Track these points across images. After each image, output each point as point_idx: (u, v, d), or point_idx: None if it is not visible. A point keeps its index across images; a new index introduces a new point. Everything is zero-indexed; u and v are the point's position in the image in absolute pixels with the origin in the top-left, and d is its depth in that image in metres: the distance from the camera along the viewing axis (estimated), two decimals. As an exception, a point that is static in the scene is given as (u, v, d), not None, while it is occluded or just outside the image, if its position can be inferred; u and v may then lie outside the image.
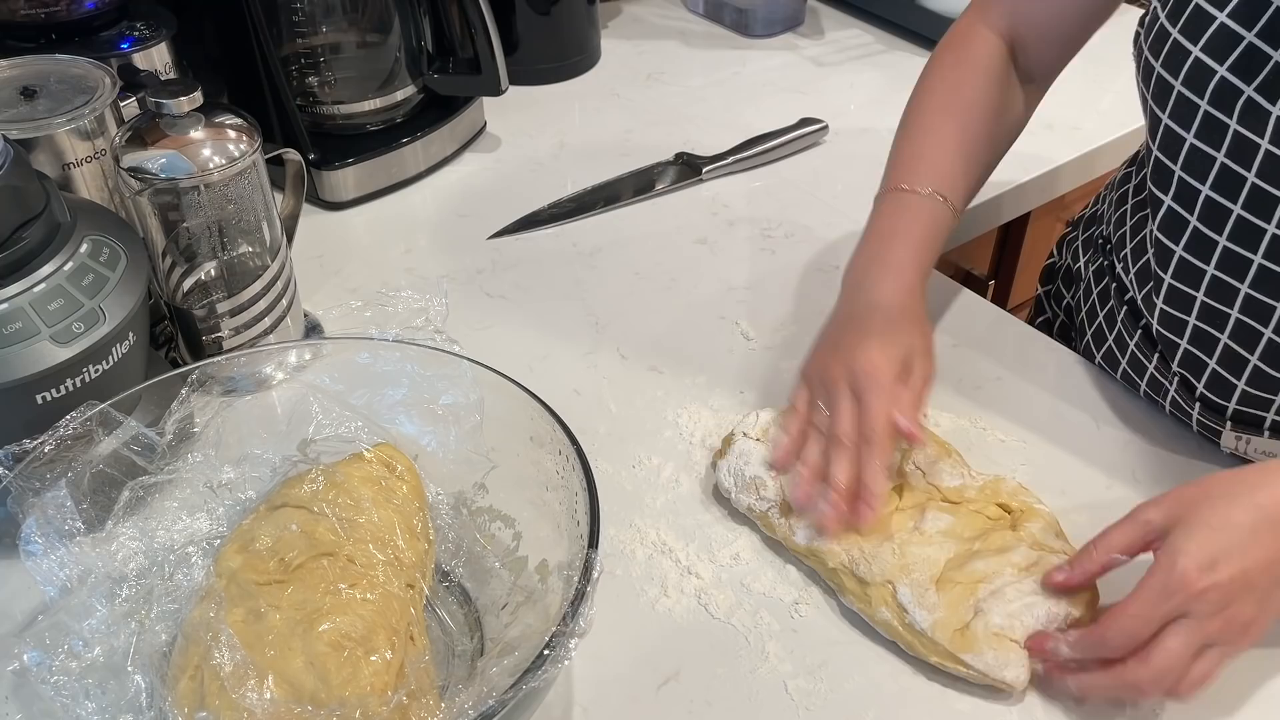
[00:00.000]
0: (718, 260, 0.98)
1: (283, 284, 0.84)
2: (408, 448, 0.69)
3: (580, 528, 0.61)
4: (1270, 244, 0.67)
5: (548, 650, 0.53)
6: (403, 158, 1.08)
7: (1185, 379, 0.77)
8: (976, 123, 0.84)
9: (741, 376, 0.86)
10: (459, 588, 0.69)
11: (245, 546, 0.63)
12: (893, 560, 0.68)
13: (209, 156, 0.76)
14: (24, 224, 0.68)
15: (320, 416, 0.70)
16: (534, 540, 0.67)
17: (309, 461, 0.69)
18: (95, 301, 0.70)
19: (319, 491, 0.65)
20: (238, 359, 0.74)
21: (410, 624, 0.61)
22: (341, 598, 0.60)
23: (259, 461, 0.70)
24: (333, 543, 0.62)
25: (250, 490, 0.69)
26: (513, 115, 1.19)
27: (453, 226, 1.05)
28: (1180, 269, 0.73)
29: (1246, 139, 0.66)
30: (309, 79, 1.06)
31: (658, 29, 1.38)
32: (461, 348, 0.74)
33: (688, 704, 0.65)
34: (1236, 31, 0.65)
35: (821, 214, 1.04)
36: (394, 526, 0.64)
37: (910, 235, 0.80)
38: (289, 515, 0.64)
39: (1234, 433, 0.76)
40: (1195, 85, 0.68)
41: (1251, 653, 0.63)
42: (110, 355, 0.70)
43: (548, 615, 0.60)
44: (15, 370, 0.66)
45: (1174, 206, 0.72)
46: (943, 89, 0.86)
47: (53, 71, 0.82)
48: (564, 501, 0.64)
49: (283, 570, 0.61)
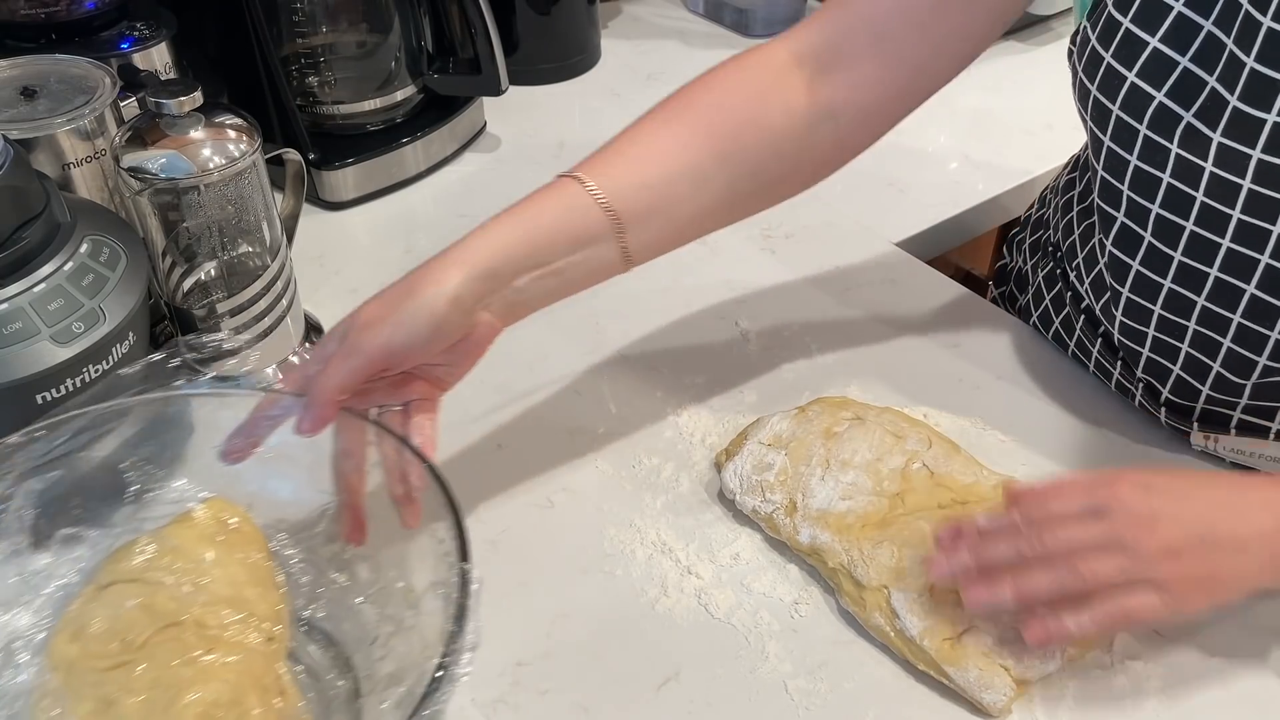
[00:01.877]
0: (718, 260, 0.98)
1: (283, 284, 0.84)
2: (240, 497, 0.65)
3: (445, 545, 0.58)
4: (1225, 258, 0.67)
5: (440, 672, 0.52)
6: (403, 158, 1.08)
7: (1150, 385, 0.77)
8: (702, 140, 0.70)
9: (741, 376, 0.86)
10: (320, 631, 0.66)
11: (79, 633, 0.58)
12: (889, 564, 0.68)
13: (209, 156, 0.76)
14: (24, 224, 0.68)
15: (136, 481, 0.65)
16: (394, 567, 0.64)
17: (133, 531, 0.64)
18: (95, 301, 0.70)
19: (151, 560, 0.60)
20: (36, 431, 0.63)
21: (278, 678, 0.58)
22: (200, 665, 0.56)
23: (75, 540, 0.64)
24: (177, 610, 0.58)
25: (70, 573, 0.63)
26: (513, 115, 1.19)
27: (453, 226, 1.03)
28: (1137, 282, 0.73)
29: (1190, 162, 0.65)
30: (309, 79, 1.06)
31: (658, 29, 1.38)
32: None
33: (688, 704, 0.65)
34: (1171, 57, 0.65)
35: (821, 214, 1.04)
36: (240, 581, 0.61)
37: (519, 218, 0.67)
38: (122, 591, 0.59)
39: (1202, 433, 0.76)
40: (1133, 110, 0.67)
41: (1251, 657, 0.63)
42: (110, 355, 0.70)
43: (425, 640, 0.58)
44: (15, 370, 0.66)
45: (1127, 223, 0.72)
46: (694, 93, 0.73)
47: (53, 71, 0.82)
48: (422, 522, 0.62)
49: (127, 650, 0.57)
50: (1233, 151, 0.63)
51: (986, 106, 1.21)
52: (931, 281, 0.96)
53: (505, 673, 0.66)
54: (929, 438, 0.77)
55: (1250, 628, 0.67)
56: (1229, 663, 0.66)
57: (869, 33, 0.72)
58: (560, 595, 0.71)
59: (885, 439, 0.76)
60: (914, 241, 1.02)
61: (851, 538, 0.70)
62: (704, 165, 0.70)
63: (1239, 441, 0.75)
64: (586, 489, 0.77)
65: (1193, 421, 0.76)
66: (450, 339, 0.64)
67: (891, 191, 1.08)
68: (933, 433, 0.77)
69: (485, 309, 0.65)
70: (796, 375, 0.86)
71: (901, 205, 1.06)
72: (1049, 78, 1.24)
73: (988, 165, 1.11)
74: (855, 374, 0.86)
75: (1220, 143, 0.63)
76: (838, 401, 0.80)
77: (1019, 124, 1.16)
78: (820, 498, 0.73)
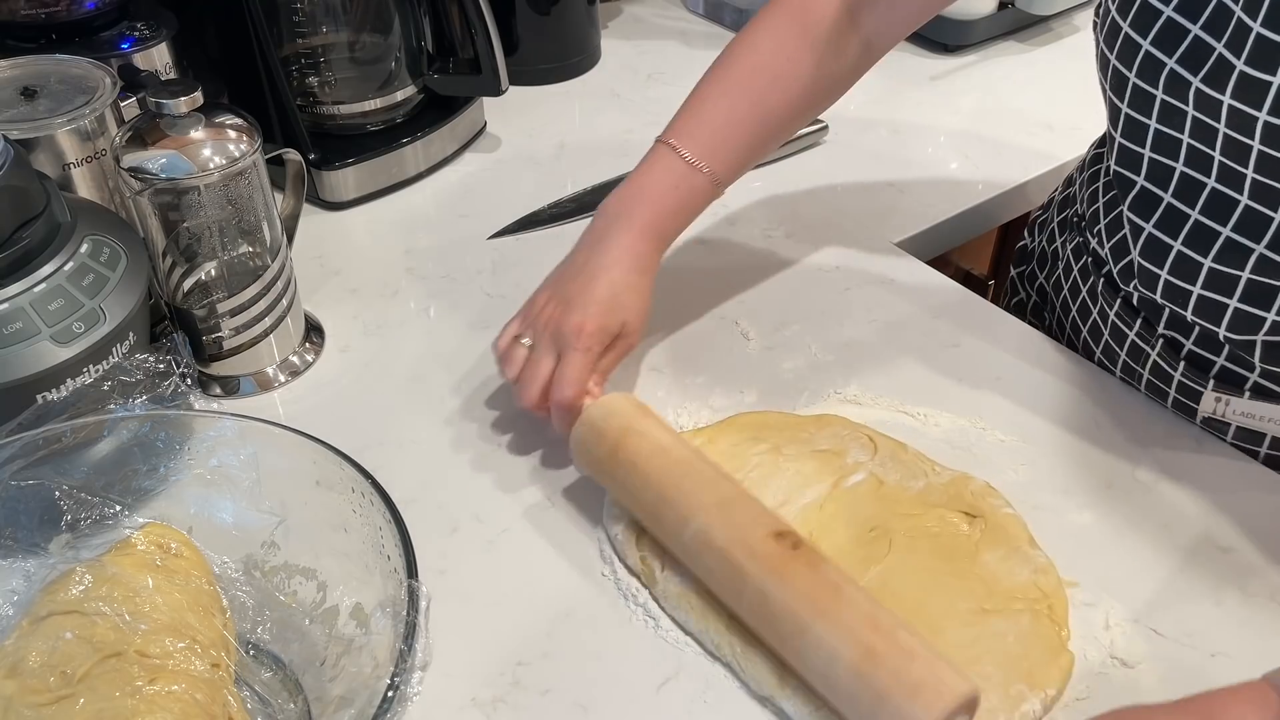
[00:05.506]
0: (718, 260, 0.98)
1: (283, 284, 0.84)
2: (180, 521, 0.65)
3: (392, 561, 0.58)
4: (1241, 215, 0.69)
5: (391, 692, 0.51)
6: (403, 158, 1.08)
7: (1172, 340, 0.78)
8: (777, 96, 0.83)
9: (741, 376, 0.86)
10: (268, 654, 0.64)
11: (15, 668, 0.56)
12: (769, 666, 0.63)
13: (209, 156, 0.76)
14: (24, 224, 0.68)
15: (70, 510, 0.64)
16: (342, 587, 0.63)
17: (69, 560, 0.62)
18: (95, 301, 0.70)
19: (89, 590, 0.59)
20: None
21: (226, 704, 0.57)
22: (144, 696, 0.55)
23: (8, 572, 0.63)
24: (118, 640, 0.57)
25: (4, 606, 0.62)
26: (513, 115, 1.19)
27: (453, 226, 1.05)
28: (1148, 245, 0.74)
29: (1206, 124, 0.68)
30: (309, 79, 1.06)
31: (658, 29, 1.38)
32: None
33: (688, 704, 0.65)
34: (1183, 25, 0.67)
35: (821, 214, 1.04)
36: (183, 608, 0.59)
37: (663, 203, 0.81)
38: (59, 624, 0.58)
39: (1215, 393, 0.76)
40: (1149, 77, 0.70)
41: (1252, 657, 0.63)
42: (110, 355, 0.70)
43: (376, 658, 0.57)
44: (15, 370, 0.66)
45: (1146, 185, 0.74)
46: (758, 52, 0.83)
47: (53, 72, 0.82)
48: (368, 539, 0.61)
49: (67, 684, 0.55)
50: (1242, 114, 0.65)
51: (986, 106, 1.21)
52: (931, 281, 0.96)
53: (505, 673, 0.66)
54: (872, 442, 0.76)
55: (1250, 628, 0.68)
56: (1229, 663, 0.66)
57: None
58: (561, 595, 0.70)
59: (806, 468, 0.74)
60: (914, 241, 1.02)
61: (720, 631, 0.66)
62: (767, 127, 0.84)
63: (1251, 405, 0.75)
64: (587, 489, 0.77)
65: (1209, 378, 0.77)
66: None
67: (891, 191, 1.08)
68: (875, 435, 0.77)
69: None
70: (796, 375, 0.86)
71: (901, 205, 1.06)
72: (1049, 78, 1.24)
73: (988, 165, 1.11)
74: (855, 374, 0.86)
75: (1230, 105, 0.65)
76: (754, 420, 0.79)
77: (1019, 124, 1.16)
78: (683, 573, 0.68)
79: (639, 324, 0.80)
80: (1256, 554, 0.72)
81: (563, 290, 0.79)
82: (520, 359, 0.78)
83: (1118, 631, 0.67)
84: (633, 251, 0.80)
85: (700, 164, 0.81)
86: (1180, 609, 0.68)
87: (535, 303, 0.80)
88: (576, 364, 0.75)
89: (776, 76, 0.82)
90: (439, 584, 0.70)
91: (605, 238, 0.80)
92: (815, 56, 0.82)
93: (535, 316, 0.79)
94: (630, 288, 0.79)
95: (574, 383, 0.75)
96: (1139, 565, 0.71)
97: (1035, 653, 0.63)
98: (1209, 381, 0.77)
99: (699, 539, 0.65)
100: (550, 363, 0.76)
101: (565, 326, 0.76)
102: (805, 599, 0.61)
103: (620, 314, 0.78)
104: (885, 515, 0.71)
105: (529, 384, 0.76)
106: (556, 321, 0.77)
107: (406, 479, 0.76)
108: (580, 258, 0.81)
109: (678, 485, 0.67)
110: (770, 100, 0.82)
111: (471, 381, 0.87)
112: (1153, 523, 0.74)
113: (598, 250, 0.80)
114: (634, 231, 0.80)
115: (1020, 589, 0.67)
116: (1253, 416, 0.76)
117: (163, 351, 0.73)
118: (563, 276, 0.81)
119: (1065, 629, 0.65)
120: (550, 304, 0.79)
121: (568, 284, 0.79)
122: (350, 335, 0.91)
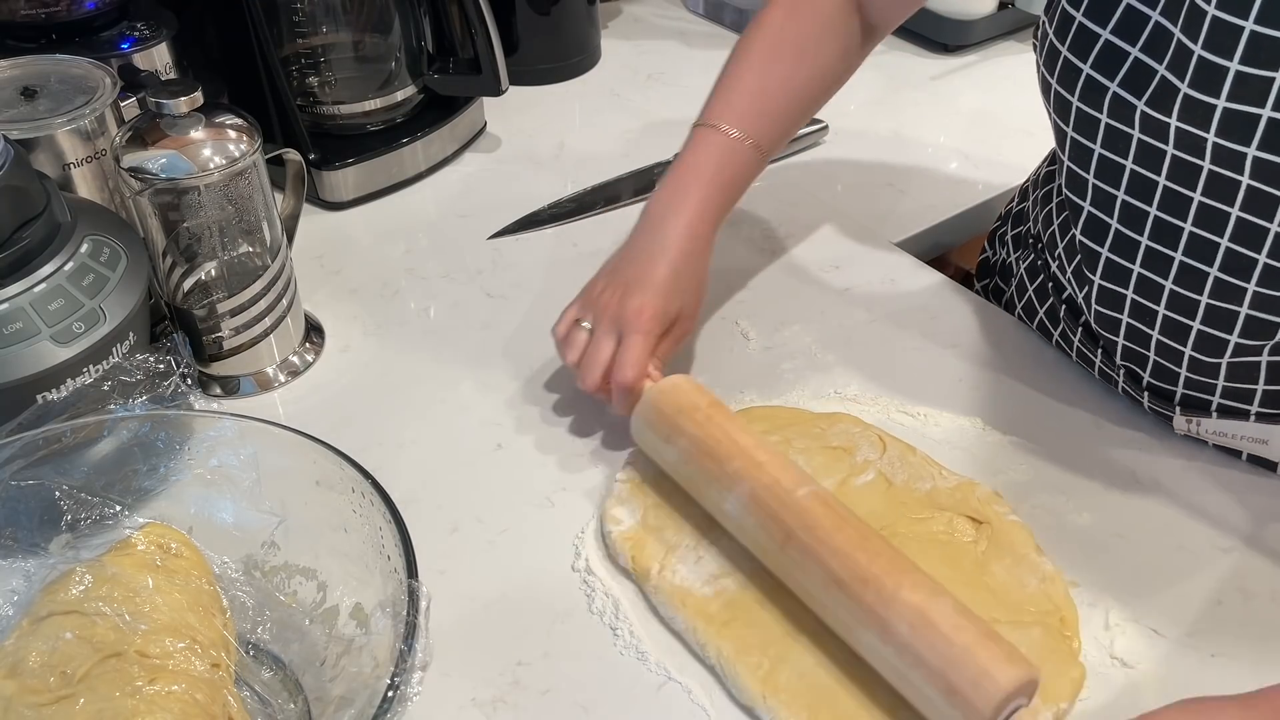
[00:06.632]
0: (718, 260, 0.98)
1: (283, 284, 0.84)
2: (181, 521, 0.65)
3: (392, 561, 0.58)
4: (1188, 241, 0.68)
5: (392, 692, 0.51)
6: (403, 158, 1.08)
7: (1131, 371, 0.78)
8: (803, 69, 0.85)
9: (741, 376, 0.86)
10: (268, 654, 0.64)
11: (14, 669, 0.56)
12: (758, 674, 0.63)
13: (209, 156, 0.76)
14: (24, 224, 0.68)
15: (70, 510, 0.63)
16: (342, 587, 0.63)
17: (70, 560, 0.62)
18: (95, 301, 0.70)
19: (89, 590, 0.59)
20: None
21: (226, 704, 0.57)
22: (144, 696, 0.55)
23: (8, 572, 0.63)
24: (118, 641, 0.57)
25: (4, 606, 0.62)
26: (513, 115, 1.19)
27: (453, 226, 1.05)
28: (1108, 269, 0.74)
29: (1152, 146, 0.67)
30: (309, 79, 1.06)
31: (658, 29, 1.38)
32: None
33: (688, 704, 0.65)
34: (1121, 48, 0.66)
35: (821, 214, 1.04)
36: (183, 608, 0.59)
37: (714, 181, 0.82)
38: (59, 624, 0.58)
39: (1184, 417, 0.77)
40: (1091, 101, 0.69)
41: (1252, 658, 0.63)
42: (110, 355, 0.70)
43: (376, 658, 0.57)
44: (15, 370, 0.66)
45: (1093, 211, 0.74)
46: (777, 29, 0.86)
47: (53, 71, 0.82)
48: (368, 539, 0.61)
49: (67, 684, 0.55)
50: (1190, 135, 0.65)
51: (986, 106, 1.21)
52: (931, 281, 0.96)
53: (505, 673, 0.66)
54: (882, 442, 0.76)
55: (1250, 628, 0.68)
56: (1229, 663, 0.66)
57: None
58: (561, 595, 0.70)
59: (815, 462, 0.74)
60: (914, 241, 1.02)
61: (711, 634, 0.66)
62: (797, 99, 0.87)
63: (1221, 424, 0.76)
64: (587, 489, 0.77)
65: (1174, 405, 0.77)
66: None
67: (891, 191, 1.08)
68: (885, 436, 0.77)
69: None
70: (796, 375, 0.86)
71: (901, 205, 1.06)
72: (1049, 78, 1.24)
73: (987, 165, 1.11)
74: (855, 374, 0.86)
75: (1178, 127, 0.65)
76: (766, 414, 0.79)
77: (1018, 124, 1.16)
78: (682, 573, 0.69)
79: (696, 307, 0.81)
80: (1256, 554, 0.72)
81: (622, 275, 0.80)
82: (581, 343, 0.79)
83: (1118, 631, 0.67)
84: (690, 234, 0.80)
85: (743, 137, 0.82)
86: (1180, 609, 0.68)
87: (594, 288, 0.81)
88: (638, 347, 0.76)
89: (801, 50, 0.85)
90: (439, 584, 0.69)
91: (662, 222, 0.81)
92: (829, 34, 0.85)
93: (594, 301, 0.80)
94: (689, 270, 0.80)
95: (635, 365, 0.75)
96: (1138, 565, 0.71)
97: (1048, 666, 0.62)
98: (1175, 408, 0.77)
99: (771, 493, 0.67)
100: (611, 346, 0.77)
101: (626, 310, 0.77)
102: (888, 564, 0.62)
103: (679, 298, 0.79)
104: (893, 517, 0.71)
105: (590, 367, 0.77)
106: (617, 305, 0.78)
107: (406, 479, 0.76)
108: (638, 243, 0.82)
109: (738, 458, 0.69)
110: (799, 74, 0.85)
111: (472, 381, 0.87)
112: (1152, 523, 0.74)
113: (656, 235, 0.81)
114: (689, 214, 0.81)
115: (1030, 600, 0.66)
116: (1224, 435, 0.76)
117: (163, 351, 0.73)
118: (621, 262, 0.81)
119: (1076, 640, 0.65)
120: (610, 289, 0.79)
121: (626, 268, 0.80)
122: (350, 335, 0.91)
